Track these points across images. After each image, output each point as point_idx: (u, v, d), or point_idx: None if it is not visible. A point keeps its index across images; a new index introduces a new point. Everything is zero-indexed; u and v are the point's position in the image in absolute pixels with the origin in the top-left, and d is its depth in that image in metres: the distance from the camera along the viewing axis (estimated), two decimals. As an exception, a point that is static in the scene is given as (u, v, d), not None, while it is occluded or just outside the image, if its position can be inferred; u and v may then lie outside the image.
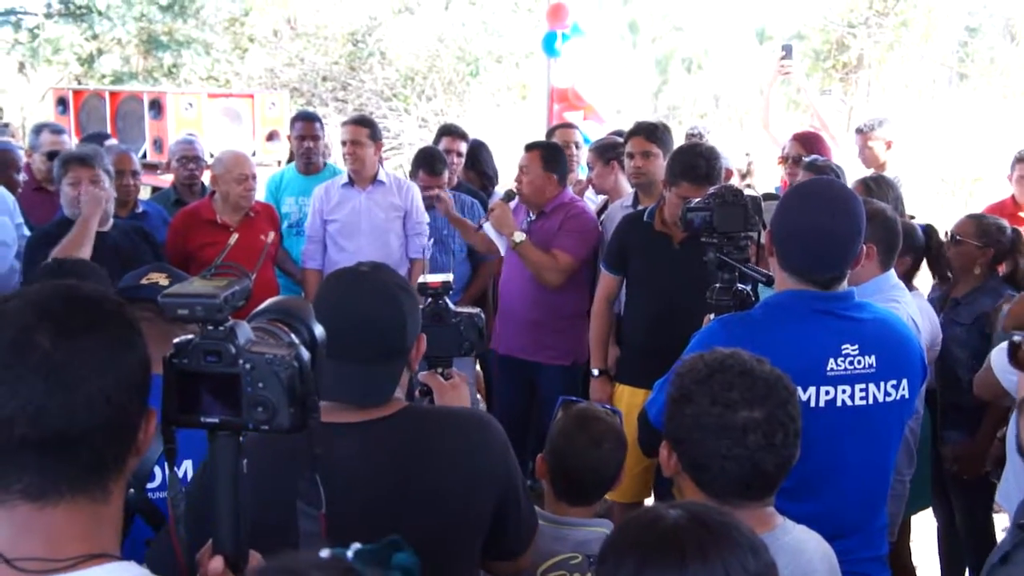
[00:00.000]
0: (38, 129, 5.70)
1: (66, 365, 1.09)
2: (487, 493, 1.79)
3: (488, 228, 4.45)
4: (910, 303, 2.97)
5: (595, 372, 4.16)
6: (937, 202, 10.57)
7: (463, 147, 5.66)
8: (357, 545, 1.02)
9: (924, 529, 4.16)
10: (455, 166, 5.47)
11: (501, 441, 1.84)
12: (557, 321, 4.40)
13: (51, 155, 5.18)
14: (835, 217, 2.19)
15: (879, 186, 3.82)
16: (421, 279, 2.26)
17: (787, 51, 6.00)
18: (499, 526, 1.84)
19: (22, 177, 5.17)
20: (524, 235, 4.28)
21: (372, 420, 1.74)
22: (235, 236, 3.97)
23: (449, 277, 2.26)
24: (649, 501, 3.97)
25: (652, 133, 4.33)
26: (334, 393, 1.70)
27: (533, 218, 4.45)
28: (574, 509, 2.40)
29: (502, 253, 4.58)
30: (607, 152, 4.87)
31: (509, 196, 4.45)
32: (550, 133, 5.57)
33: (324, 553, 1.01)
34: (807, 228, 2.20)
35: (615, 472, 2.44)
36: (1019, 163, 5.16)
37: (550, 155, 4.45)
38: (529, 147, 4.52)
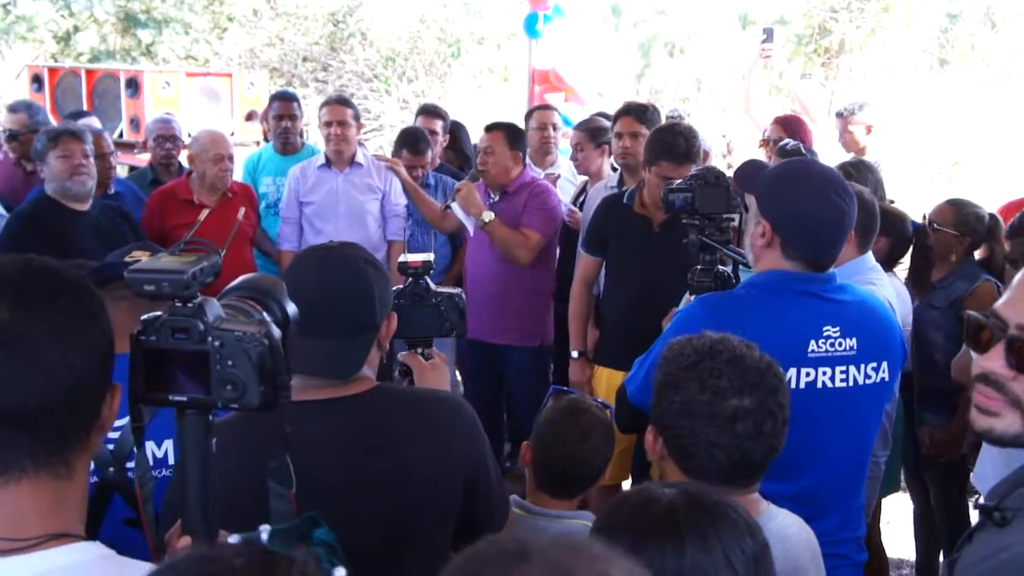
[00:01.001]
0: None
1: (24, 336, 1.07)
2: (455, 476, 1.77)
3: (456, 208, 4.42)
4: (887, 285, 2.98)
5: (574, 354, 4.15)
6: (916, 187, 10.62)
7: (439, 126, 5.62)
8: (267, 527, 0.99)
9: (896, 511, 4.19)
10: (434, 146, 5.43)
11: (471, 424, 1.82)
12: (523, 302, 4.41)
13: (12, 135, 5.10)
14: (844, 200, 2.17)
15: (859, 171, 3.82)
16: (402, 258, 2.23)
17: (768, 35, 6.00)
18: (469, 510, 1.82)
19: None
20: (492, 214, 4.27)
21: (340, 398, 1.72)
22: (205, 211, 3.93)
23: (430, 257, 2.23)
24: (626, 484, 3.98)
25: (642, 114, 4.32)
26: (299, 367, 1.67)
27: (496, 199, 4.43)
28: (555, 501, 2.35)
29: (471, 233, 4.57)
30: (599, 135, 4.85)
31: (474, 177, 4.43)
32: (529, 115, 5.54)
33: (233, 539, 0.97)
34: (821, 216, 2.17)
35: (600, 467, 2.38)
36: None
37: (514, 135, 4.47)
38: (490, 128, 4.51)
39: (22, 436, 1.08)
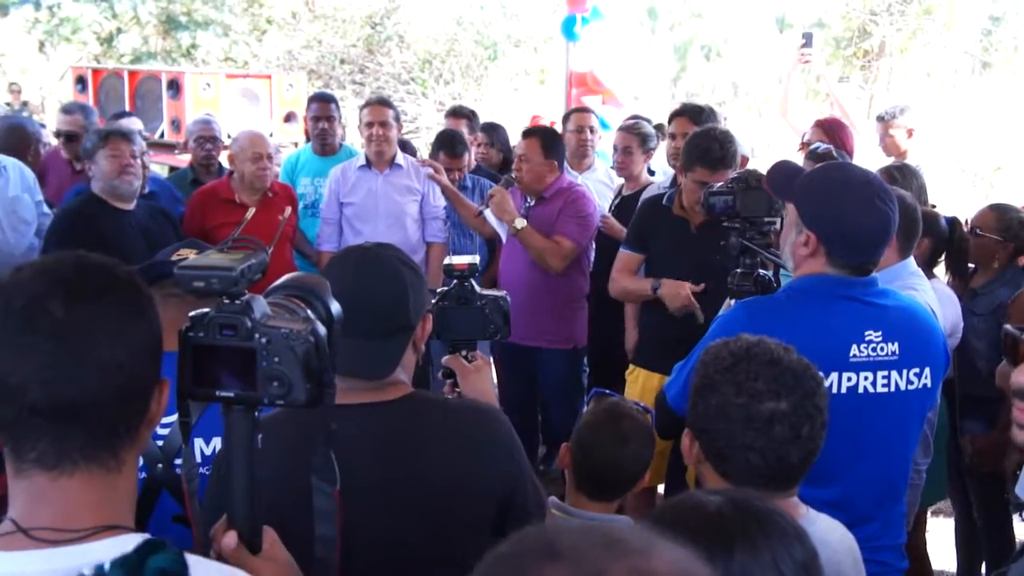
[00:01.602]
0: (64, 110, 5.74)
1: (77, 332, 1.09)
2: (484, 489, 1.74)
3: (488, 214, 4.43)
4: (928, 291, 2.94)
5: (654, 286, 3.77)
6: (957, 191, 10.49)
7: (465, 127, 5.64)
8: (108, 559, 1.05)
9: (940, 520, 4.13)
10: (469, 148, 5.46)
11: (505, 436, 1.79)
12: (557, 306, 4.40)
13: (69, 136, 5.20)
14: (888, 205, 2.14)
15: (903, 175, 3.78)
16: (447, 260, 2.22)
17: (807, 39, 5.93)
18: (503, 521, 1.79)
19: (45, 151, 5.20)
20: (525, 221, 4.26)
21: (374, 403, 1.71)
22: (252, 210, 3.98)
23: (475, 259, 2.22)
24: (661, 487, 3.96)
25: (697, 115, 4.32)
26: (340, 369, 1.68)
27: (532, 203, 4.43)
28: (594, 504, 2.33)
29: (503, 239, 4.57)
30: (649, 141, 4.84)
31: (508, 183, 4.43)
32: (566, 117, 5.54)
33: (86, 571, 1.01)
34: (868, 224, 2.14)
35: (639, 471, 2.36)
36: None
37: (549, 141, 4.43)
38: (527, 134, 4.50)
39: (74, 430, 1.10)
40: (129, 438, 1.15)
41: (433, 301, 2.07)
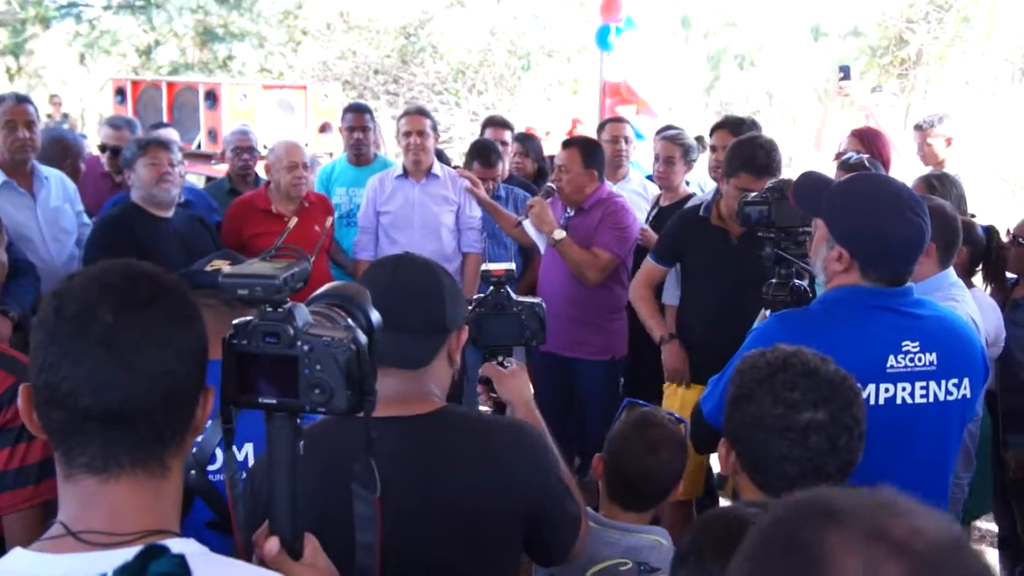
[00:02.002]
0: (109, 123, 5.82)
1: (127, 338, 1.11)
2: (513, 506, 1.73)
3: (527, 225, 4.43)
4: (969, 301, 2.90)
5: (663, 339, 3.99)
6: (997, 201, 10.35)
7: (508, 136, 5.66)
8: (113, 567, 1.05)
9: (982, 534, 4.07)
10: (504, 157, 5.47)
11: (538, 451, 1.78)
12: (596, 318, 4.38)
13: (115, 151, 5.26)
14: (920, 215, 2.12)
15: (942, 184, 3.74)
16: (484, 267, 2.23)
17: (845, 72, 5.84)
18: (536, 537, 1.79)
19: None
20: (564, 232, 4.25)
21: (405, 417, 1.70)
22: (294, 219, 4.02)
23: (511, 266, 2.23)
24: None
25: (738, 128, 4.29)
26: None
27: (571, 214, 4.42)
28: (627, 514, 2.33)
29: (541, 250, 4.57)
30: (691, 152, 4.83)
31: (548, 193, 4.42)
32: (601, 127, 5.53)
33: None
34: (901, 237, 2.12)
35: (672, 481, 2.36)
36: None
37: (588, 151, 4.41)
38: (567, 144, 4.49)
39: (122, 435, 1.12)
40: (175, 444, 1.17)
41: (470, 308, 2.08)
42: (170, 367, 1.13)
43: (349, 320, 1.40)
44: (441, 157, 5.43)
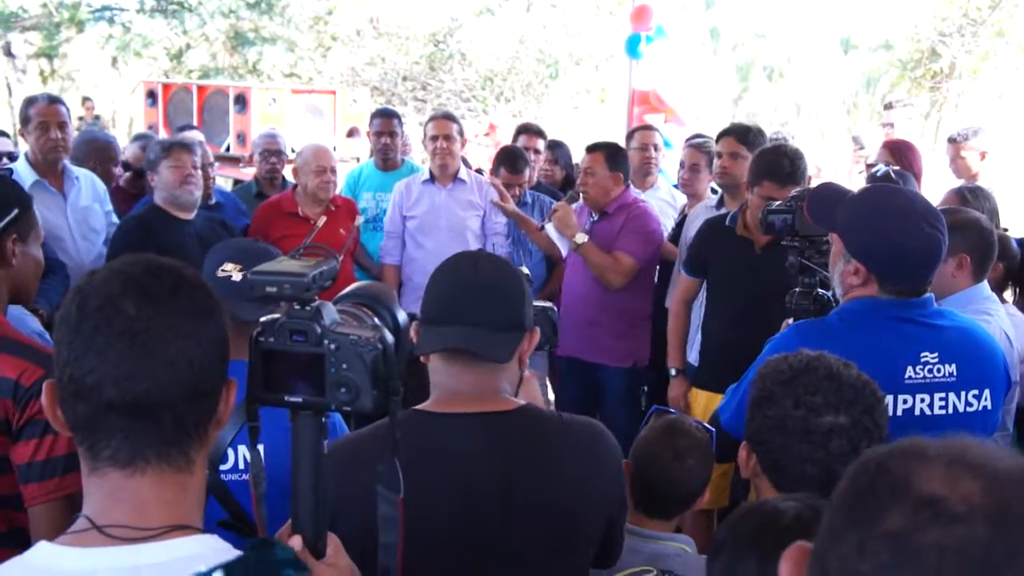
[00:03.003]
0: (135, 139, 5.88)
1: (150, 330, 1.11)
2: (600, 510, 1.72)
3: (550, 229, 4.42)
4: (1003, 316, 2.86)
5: (672, 372, 4.11)
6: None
7: (541, 144, 5.66)
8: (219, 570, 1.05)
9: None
10: (534, 164, 5.47)
11: (616, 455, 1.77)
12: (619, 323, 4.36)
13: (137, 173, 5.28)
14: (936, 227, 2.10)
15: (975, 196, 3.70)
16: None
17: (857, 141, 5.89)
18: (604, 540, 1.77)
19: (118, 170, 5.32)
20: (586, 236, 4.24)
21: (490, 412, 1.68)
22: (323, 218, 4.02)
23: (526, 271, 2.23)
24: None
25: (743, 135, 4.26)
26: (453, 345, 1.66)
27: (596, 219, 4.41)
28: (652, 521, 2.31)
29: (564, 255, 4.55)
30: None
31: (572, 198, 4.42)
32: (630, 135, 5.52)
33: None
34: (917, 250, 2.10)
35: (698, 489, 2.34)
36: None
37: (614, 155, 4.41)
38: (591, 148, 4.48)
39: (147, 428, 1.12)
40: (198, 437, 1.17)
41: None
42: (193, 358, 1.13)
43: (376, 319, 1.39)
44: (465, 163, 5.44)
